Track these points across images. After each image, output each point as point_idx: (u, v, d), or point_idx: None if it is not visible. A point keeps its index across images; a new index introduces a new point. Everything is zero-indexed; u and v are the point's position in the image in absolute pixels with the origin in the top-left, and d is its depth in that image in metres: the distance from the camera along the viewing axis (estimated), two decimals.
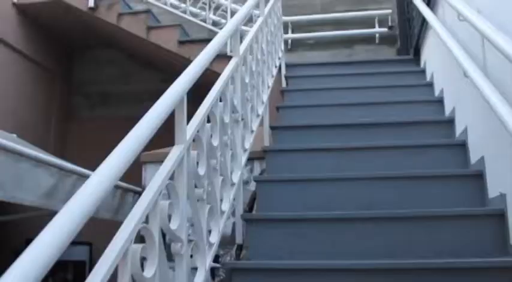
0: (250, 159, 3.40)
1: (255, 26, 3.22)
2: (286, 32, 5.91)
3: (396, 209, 2.41)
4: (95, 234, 2.82)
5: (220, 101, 2.22)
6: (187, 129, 1.71)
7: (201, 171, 1.81)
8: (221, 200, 2.09)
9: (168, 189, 1.54)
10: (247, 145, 2.64)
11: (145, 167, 3.67)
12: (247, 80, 2.78)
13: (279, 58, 4.27)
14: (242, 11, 3.10)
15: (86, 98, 6.42)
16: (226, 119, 2.21)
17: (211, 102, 2.04)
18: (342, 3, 6.02)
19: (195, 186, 1.78)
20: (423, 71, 4.15)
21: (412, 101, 3.55)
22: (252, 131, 2.78)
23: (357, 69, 4.40)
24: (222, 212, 2.09)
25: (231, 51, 2.80)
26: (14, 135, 4.55)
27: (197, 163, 1.78)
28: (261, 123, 3.26)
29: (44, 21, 5.73)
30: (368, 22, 5.88)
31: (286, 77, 4.36)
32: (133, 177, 3.55)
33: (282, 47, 4.57)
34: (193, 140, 1.76)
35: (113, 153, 1.22)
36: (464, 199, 2.45)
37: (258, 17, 3.63)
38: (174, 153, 1.61)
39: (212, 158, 1.99)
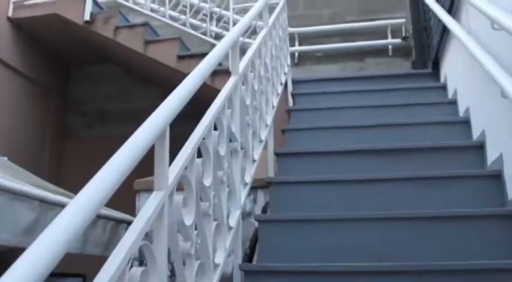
0: (254, 188, 3.10)
1: (258, 39, 2.90)
2: (292, 45, 5.59)
3: (411, 259, 2.05)
4: (88, 265, 2.53)
5: (215, 129, 1.89)
6: (170, 171, 1.41)
7: (188, 220, 1.49)
8: (215, 251, 1.77)
9: (142, 252, 1.24)
10: (248, 178, 2.31)
11: (138, 196, 3.33)
12: (248, 102, 2.44)
13: (285, 73, 3.94)
14: (243, 21, 2.79)
15: (82, 115, 6.11)
16: (222, 151, 1.88)
17: (202, 132, 1.71)
18: (351, 13, 5.70)
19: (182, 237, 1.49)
20: (444, 87, 3.78)
21: (433, 122, 3.19)
22: (254, 161, 2.45)
23: (369, 84, 4.04)
24: (216, 266, 1.75)
25: None
26: (5, 158, 4.26)
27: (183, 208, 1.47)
28: (265, 147, 2.93)
29: (39, 35, 5.45)
30: (380, 33, 5.54)
31: (293, 95, 4.02)
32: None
33: (289, 61, 4.24)
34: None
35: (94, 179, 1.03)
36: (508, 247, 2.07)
37: (262, 28, 3.33)
38: (152, 203, 1.30)
39: (204, 200, 1.68)
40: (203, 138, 1.70)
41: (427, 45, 4.56)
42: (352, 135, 3.22)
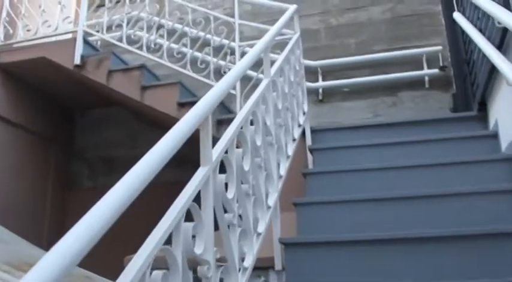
0: (263, 269, 2.53)
1: (250, 102, 2.25)
2: (315, 80, 4.93)
3: None
4: None
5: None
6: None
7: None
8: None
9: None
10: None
11: None
12: (230, 195, 1.79)
13: (300, 125, 3.27)
14: (231, 74, 2.19)
15: (87, 164, 5.57)
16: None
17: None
18: (381, 42, 4.99)
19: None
20: (495, 136, 3.05)
21: (488, 192, 2.45)
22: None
23: (403, 133, 3.33)
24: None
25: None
26: None
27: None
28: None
29: (31, 80, 4.94)
30: (413, 62, 4.81)
31: (312, 150, 3.33)
32: None
33: (305, 107, 3.57)
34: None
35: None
36: None
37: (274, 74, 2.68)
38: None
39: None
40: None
41: (470, 82, 3.82)
42: (385, 210, 2.53)
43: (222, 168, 1.76)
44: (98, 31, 4.51)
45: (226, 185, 1.77)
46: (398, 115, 4.69)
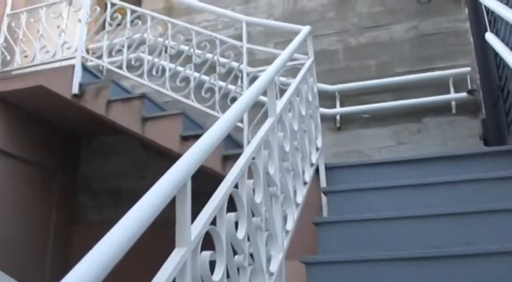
0: None
1: (249, 150, 1.90)
2: (332, 105, 4.56)
3: None
4: None
5: None
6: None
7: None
8: None
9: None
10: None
11: None
12: (217, 275, 1.43)
13: (312, 164, 2.90)
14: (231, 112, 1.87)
15: (92, 196, 5.26)
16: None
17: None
18: (404, 63, 4.61)
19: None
20: None
21: None
22: None
23: (429, 172, 2.93)
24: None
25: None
26: None
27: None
28: None
29: (29, 109, 4.67)
30: (439, 86, 4.41)
31: (326, 193, 2.96)
32: None
33: (319, 142, 3.21)
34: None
35: None
36: None
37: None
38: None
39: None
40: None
41: (504, 110, 3.41)
42: (404, 269, 2.15)
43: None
44: (98, 56, 4.21)
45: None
46: (423, 143, 4.30)
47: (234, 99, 3.62)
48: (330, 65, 4.80)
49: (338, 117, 4.54)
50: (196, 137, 3.58)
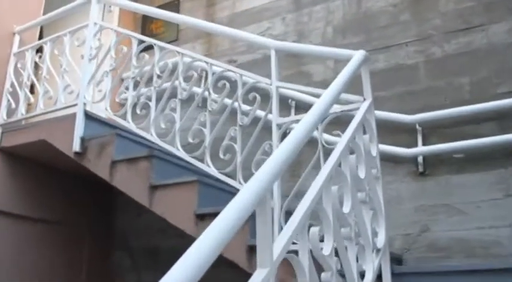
0: None
1: None
2: (412, 143, 3.42)
3: None
4: None
5: None
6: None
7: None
8: None
9: None
10: None
11: None
12: None
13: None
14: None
15: (128, 255, 4.46)
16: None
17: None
18: (509, 79, 3.35)
19: None
20: None
21: None
22: None
23: None
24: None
25: None
26: None
27: None
28: None
29: (42, 162, 3.92)
30: None
31: None
32: None
33: (382, 237, 2.11)
34: None
35: None
36: None
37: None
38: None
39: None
40: None
41: None
42: None
43: None
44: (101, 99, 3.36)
45: None
46: None
47: (259, 163, 2.61)
48: (406, 85, 3.64)
49: (420, 158, 3.38)
50: (215, 215, 2.64)
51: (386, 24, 3.87)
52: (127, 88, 3.16)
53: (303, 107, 3.76)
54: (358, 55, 2.46)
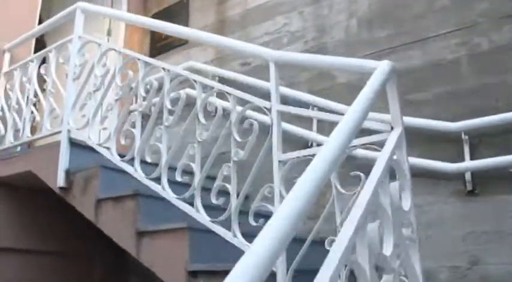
0: None
1: None
2: (458, 155, 2.83)
3: None
4: None
5: None
6: None
7: None
8: None
9: None
10: None
11: None
12: None
13: None
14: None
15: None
16: None
17: None
18: None
19: None
20: None
21: None
22: None
23: None
24: None
25: None
26: None
27: None
28: None
29: (40, 190, 3.52)
30: None
31: None
32: None
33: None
34: None
35: None
36: None
37: None
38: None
39: None
40: None
41: None
42: None
43: None
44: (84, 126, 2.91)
45: None
46: None
47: (258, 213, 2.08)
48: (447, 85, 3.03)
49: (468, 174, 2.77)
50: (212, 272, 2.15)
51: (420, 13, 3.26)
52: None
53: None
54: (379, 70, 1.86)
